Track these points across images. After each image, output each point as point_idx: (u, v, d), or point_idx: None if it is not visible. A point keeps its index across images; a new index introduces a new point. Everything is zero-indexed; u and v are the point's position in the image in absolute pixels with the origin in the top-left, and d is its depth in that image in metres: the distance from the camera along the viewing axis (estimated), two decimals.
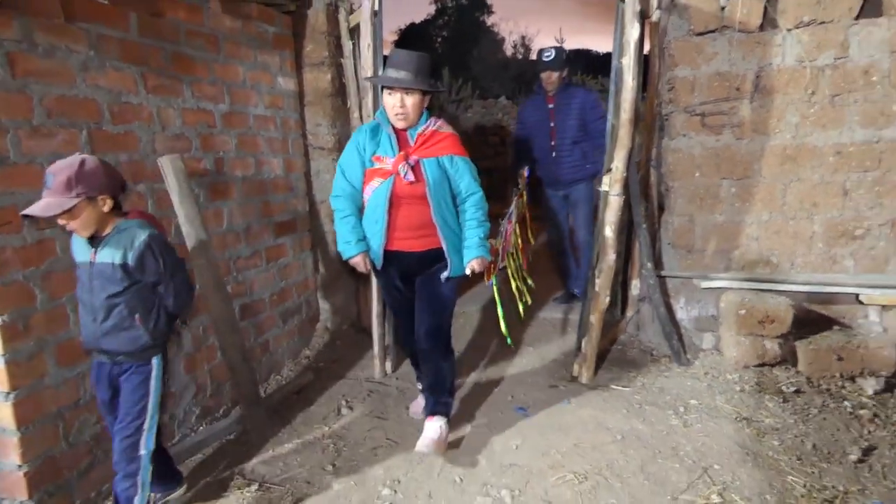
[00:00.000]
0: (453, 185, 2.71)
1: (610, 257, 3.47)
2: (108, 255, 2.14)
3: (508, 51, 23.99)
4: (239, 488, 2.63)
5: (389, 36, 23.47)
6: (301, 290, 4.20)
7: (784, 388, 3.31)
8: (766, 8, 3.68)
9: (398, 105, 2.59)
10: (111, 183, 2.11)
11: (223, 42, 3.41)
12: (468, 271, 2.72)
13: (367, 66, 3.66)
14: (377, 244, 2.72)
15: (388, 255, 2.74)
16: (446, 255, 2.71)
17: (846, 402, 3.20)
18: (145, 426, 2.22)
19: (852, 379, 3.42)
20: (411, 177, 2.61)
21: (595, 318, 3.52)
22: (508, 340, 3.75)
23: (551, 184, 4.73)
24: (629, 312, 4.26)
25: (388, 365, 3.90)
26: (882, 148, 3.64)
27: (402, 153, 2.62)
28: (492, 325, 4.16)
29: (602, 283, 3.50)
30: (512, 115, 11.60)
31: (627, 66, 3.34)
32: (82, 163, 2.03)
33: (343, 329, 4.42)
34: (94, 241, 2.15)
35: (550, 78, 4.49)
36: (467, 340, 4.35)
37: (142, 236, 2.15)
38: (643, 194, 4.02)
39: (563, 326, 4.51)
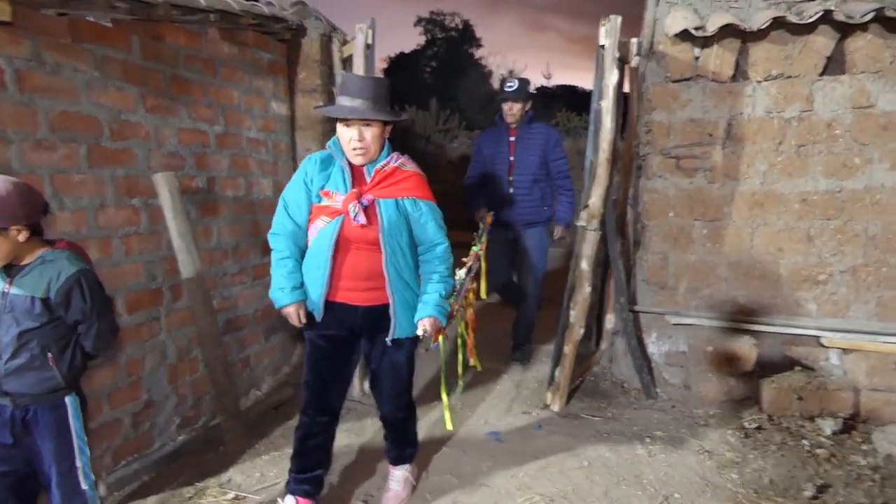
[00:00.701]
0: (415, 232, 2.37)
1: (585, 290, 3.61)
2: (27, 288, 1.90)
3: (496, 83, 24.49)
4: (214, 497, 2.69)
5: (379, 63, 23.88)
6: None
7: (746, 424, 3.44)
8: (737, 60, 3.90)
9: (356, 139, 2.25)
10: (27, 210, 1.85)
11: (220, 67, 3.54)
12: (420, 331, 2.32)
13: None
14: (317, 294, 2.34)
15: (329, 306, 2.37)
16: (391, 312, 2.34)
17: (804, 441, 3.34)
18: (78, 464, 2.02)
19: (811, 419, 3.56)
20: (362, 219, 2.25)
21: (569, 349, 3.65)
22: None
23: (501, 225, 4.27)
24: (603, 345, 4.39)
25: (367, 384, 3.98)
26: (844, 198, 3.84)
27: (354, 191, 2.26)
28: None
29: (577, 315, 3.64)
30: None
31: (606, 108, 3.53)
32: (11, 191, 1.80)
33: None
34: (9, 269, 1.93)
35: (512, 109, 4.25)
36: (445, 363, 4.43)
37: (70, 270, 1.92)
38: (620, 231, 4.19)
39: (539, 355, 4.62)
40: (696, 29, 3.77)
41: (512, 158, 4.31)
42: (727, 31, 3.78)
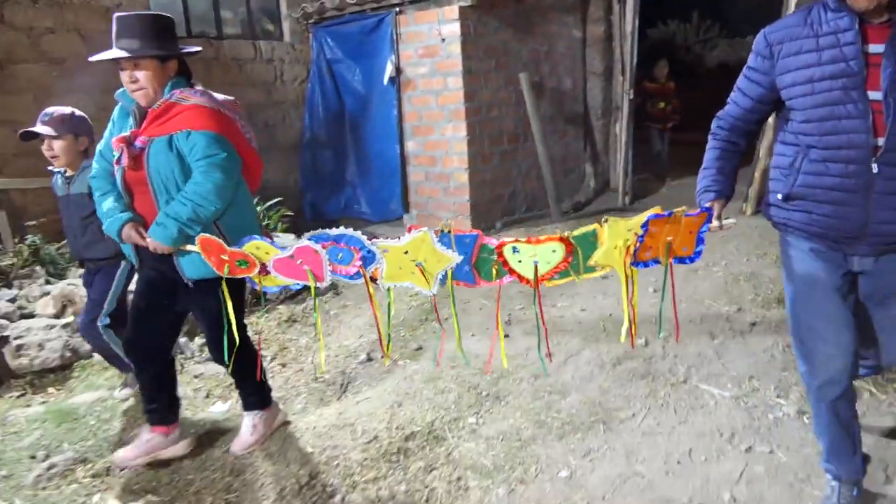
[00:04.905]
0: (190, 165, 2.24)
1: (768, 139, 5.68)
2: (81, 188, 2.78)
3: None
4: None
5: None
6: (575, 160, 7.02)
7: None
8: None
9: (129, 81, 2.22)
10: (87, 128, 2.85)
11: (547, 10, 6.23)
12: (151, 245, 2.23)
13: (628, 21, 6.21)
14: None
15: (142, 252, 2.37)
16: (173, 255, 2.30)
17: None
18: (104, 310, 2.91)
19: None
20: (125, 160, 2.24)
21: (758, 173, 5.78)
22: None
23: (839, 240, 1.91)
24: None
25: (627, 199, 6.56)
26: None
27: (123, 135, 2.25)
28: None
29: (762, 153, 5.73)
30: None
31: None
32: (72, 113, 2.79)
33: (598, 187, 7.18)
34: (68, 178, 2.85)
35: None
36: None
37: None
38: None
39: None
40: None
41: (878, 96, 1.74)
42: None
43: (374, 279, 2.03)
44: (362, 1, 5.55)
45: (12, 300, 3.64)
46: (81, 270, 3.32)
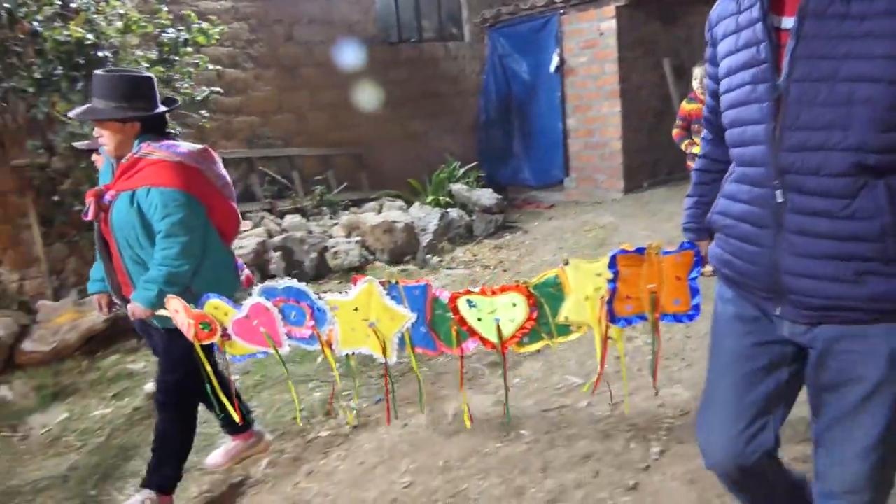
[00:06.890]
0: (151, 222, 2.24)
1: None
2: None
3: None
4: None
5: None
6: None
7: None
8: None
9: (98, 136, 2.27)
10: None
11: (687, 3, 7.31)
12: (129, 311, 2.27)
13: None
14: (110, 288, 2.43)
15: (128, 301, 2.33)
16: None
17: None
18: None
19: None
20: (91, 214, 2.26)
21: None
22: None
23: (756, 293, 1.36)
24: None
25: None
26: None
27: (95, 189, 2.31)
28: None
29: None
30: None
31: None
32: None
33: None
34: None
35: None
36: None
37: None
38: None
39: None
40: None
41: (781, 82, 1.19)
42: None
43: (330, 344, 1.87)
44: (533, 6, 6.92)
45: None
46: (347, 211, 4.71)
